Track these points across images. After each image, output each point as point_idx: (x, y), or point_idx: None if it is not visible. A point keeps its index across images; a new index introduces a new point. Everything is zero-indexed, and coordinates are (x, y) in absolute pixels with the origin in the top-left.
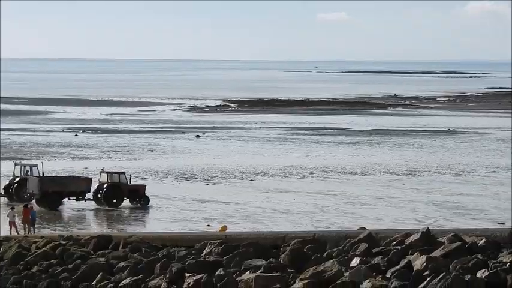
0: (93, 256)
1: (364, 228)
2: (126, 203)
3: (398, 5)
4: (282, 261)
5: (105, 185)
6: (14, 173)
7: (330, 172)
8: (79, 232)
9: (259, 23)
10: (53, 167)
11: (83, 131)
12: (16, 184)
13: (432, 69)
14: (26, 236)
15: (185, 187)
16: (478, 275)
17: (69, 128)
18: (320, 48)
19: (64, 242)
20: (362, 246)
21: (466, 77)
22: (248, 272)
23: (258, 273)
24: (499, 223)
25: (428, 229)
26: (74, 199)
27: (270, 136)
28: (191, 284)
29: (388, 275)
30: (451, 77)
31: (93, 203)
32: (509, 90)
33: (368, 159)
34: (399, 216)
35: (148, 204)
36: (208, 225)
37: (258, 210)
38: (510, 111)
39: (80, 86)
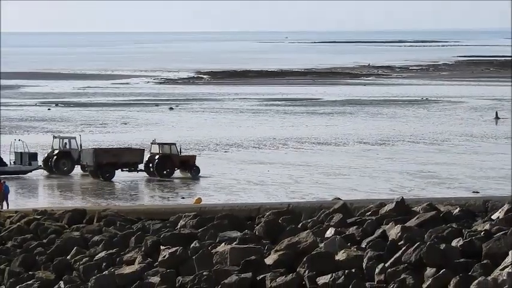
0: (67, 230)
1: (339, 199)
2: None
3: None
4: (257, 233)
5: (156, 156)
6: (52, 145)
7: (303, 143)
8: (53, 206)
9: None
10: (27, 141)
11: (56, 105)
12: (55, 157)
13: (404, 38)
14: (0, 211)
15: None
16: (453, 243)
17: (42, 102)
18: (291, 18)
19: (38, 217)
20: (337, 217)
21: (438, 46)
22: (223, 244)
23: (233, 245)
24: (473, 192)
25: (402, 199)
26: (126, 170)
27: (243, 107)
28: (166, 256)
29: (363, 245)
30: (423, 45)
31: (144, 173)
32: (482, 58)
33: (341, 129)
34: (373, 186)
35: (199, 174)
36: (183, 198)
37: (232, 182)
38: (482, 79)
39: (52, 59)
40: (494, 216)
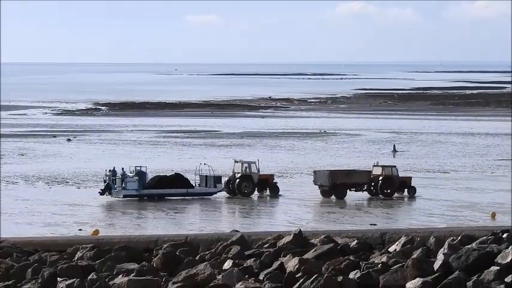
0: None
1: (237, 231)
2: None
3: (271, 8)
4: (154, 265)
5: (380, 178)
6: (234, 169)
7: None
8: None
9: (125, 24)
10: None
11: None
12: (238, 180)
13: (303, 71)
14: None
15: (56, 191)
16: (351, 276)
17: None
18: (187, 50)
19: None
20: (234, 249)
21: (337, 79)
22: (120, 276)
23: (131, 277)
24: (370, 224)
25: (300, 231)
26: (353, 190)
27: (141, 139)
28: None
29: (261, 277)
30: (322, 78)
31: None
32: (380, 91)
33: None
34: (271, 219)
35: (415, 194)
36: (80, 230)
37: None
38: (380, 112)
39: None
40: (391, 249)
